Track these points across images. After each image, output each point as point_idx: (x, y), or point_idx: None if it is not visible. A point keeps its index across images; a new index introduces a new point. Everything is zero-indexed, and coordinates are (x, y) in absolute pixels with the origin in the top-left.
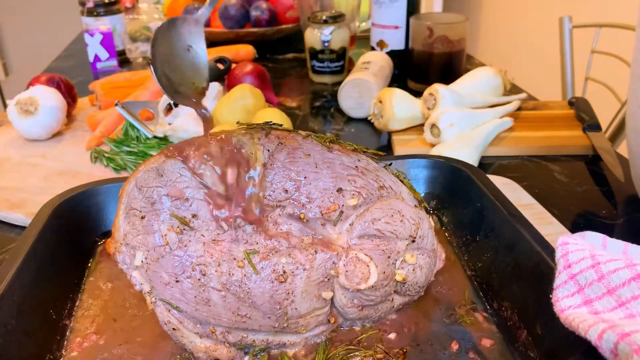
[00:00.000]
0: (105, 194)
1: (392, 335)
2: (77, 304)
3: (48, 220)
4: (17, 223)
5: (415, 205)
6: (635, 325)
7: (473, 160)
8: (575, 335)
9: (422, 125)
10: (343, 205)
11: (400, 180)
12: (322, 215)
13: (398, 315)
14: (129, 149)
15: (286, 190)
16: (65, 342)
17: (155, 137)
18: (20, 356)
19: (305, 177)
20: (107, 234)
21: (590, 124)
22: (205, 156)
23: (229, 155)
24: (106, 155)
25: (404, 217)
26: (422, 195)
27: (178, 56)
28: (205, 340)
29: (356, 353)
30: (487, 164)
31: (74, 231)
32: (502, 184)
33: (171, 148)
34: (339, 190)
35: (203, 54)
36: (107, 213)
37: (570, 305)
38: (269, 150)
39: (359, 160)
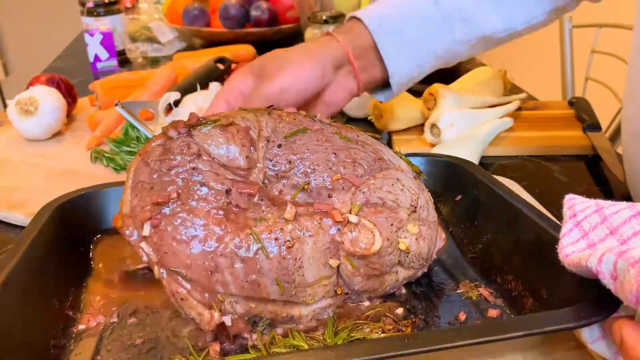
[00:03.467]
0: (107, 196)
1: (399, 310)
2: (80, 298)
3: (49, 218)
4: (17, 223)
5: (414, 177)
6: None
7: (473, 160)
8: (580, 288)
9: (422, 125)
10: (345, 175)
11: (398, 155)
12: (325, 184)
13: (404, 293)
14: (129, 149)
15: (289, 162)
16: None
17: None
18: (24, 339)
19: (307, 149)
20: (109, 231)
21: (590, 124)
22: (210, 130)
23: (234, 129)
24: (106, 155)
25: (404, 187)
26: None
27: None
28: (213, 311)
29: (364, 326)
30: (487, 164)
31: (75, 230)
32: None
33: (177, 123)
34: (340, 161)
35: None
36: (109, 215)
37: (574, 250)
38: (271, 126)
39: (358, 135)
